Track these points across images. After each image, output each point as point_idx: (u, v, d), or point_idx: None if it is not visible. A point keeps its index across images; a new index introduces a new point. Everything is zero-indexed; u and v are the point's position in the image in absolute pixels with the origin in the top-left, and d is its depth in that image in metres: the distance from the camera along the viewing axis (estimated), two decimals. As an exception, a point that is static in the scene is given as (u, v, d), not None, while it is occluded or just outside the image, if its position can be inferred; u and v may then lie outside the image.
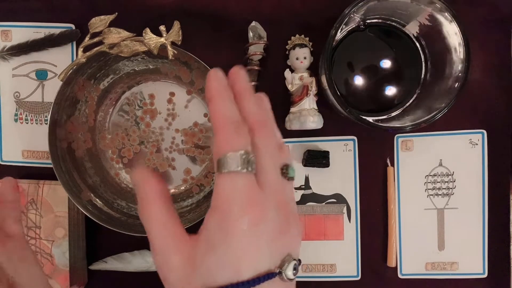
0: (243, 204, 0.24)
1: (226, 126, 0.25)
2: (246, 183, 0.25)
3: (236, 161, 0.24)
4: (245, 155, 0.24)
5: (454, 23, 0.39)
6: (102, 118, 0.50)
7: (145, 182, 0.28)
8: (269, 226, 0.25)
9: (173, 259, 0.26)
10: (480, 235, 0.49)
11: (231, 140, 0.25)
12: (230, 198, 0.24)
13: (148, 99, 0.50)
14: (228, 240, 0.24)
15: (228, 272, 0.24)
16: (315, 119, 0.46)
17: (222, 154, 0.25)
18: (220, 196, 0.25)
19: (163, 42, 0.42)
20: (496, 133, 0.48)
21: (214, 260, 0.24)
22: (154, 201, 0.27)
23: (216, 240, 0.24)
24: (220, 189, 0.25)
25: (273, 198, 0.26)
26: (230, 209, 0.24)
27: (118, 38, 0.43)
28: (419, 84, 0.45)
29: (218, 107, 0.26)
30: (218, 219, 0.24)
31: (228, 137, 0.25)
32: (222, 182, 0.25)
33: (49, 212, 0.47)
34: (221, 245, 0.24)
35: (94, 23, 0.43)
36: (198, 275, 0.24)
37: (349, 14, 0.39)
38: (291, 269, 0.25)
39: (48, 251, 0.48)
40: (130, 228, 0.46)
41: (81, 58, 0.43)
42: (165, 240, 0.26)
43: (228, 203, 0.24)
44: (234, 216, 0.24)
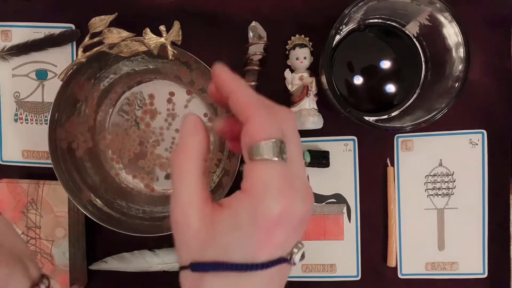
0: (276, 192, 0.24)
1: (258, 113, 0.25)
2: (280, 172, 0.25)
3: (270, 149, 0.24)
4: (279, 143, 0.25)
5: (454, 23, 0.39)
6: (102, 118, 0.50)
7: (195, 133, 0.27)
8: (295, 217, 0.25)
9: (194, 219, 0.25)
10: (480, 235, 0.49)
11: (265, 127, 0.25)
12: (265, 184, 0.24)
13: (148, 99, 0.50)
14: (256, 224, 0.24)
15: (245, 253, 0.24)
16: (315, 119, 0.46)
17: (256, 142, 0.25)
18: (255, 181, 0.24)
19: (163, 42, 0.43)
20: (496, 133, 0.48)
21: (236, 239, 0.24)
22: (197, 156, 0.26)
23: (243, 221, 0.24)
24: (256, 174, 0.25)
25: (301, 188, 0.26)
26: (265, 195, 0.24)
27: (118, 38, 0.43)
28: (419, 84, 0.45)
29: (245, 93, 0.26)
30: (249, 202, 0.24)
31: (262, 125, 0.25)
32: (257, 168, 0.25)
33: (49, 212, 0.47)
34: (247, 227, 0.24)
35: (94, 23, 0.43)
36: (215, 246, 0.25)
37: (349, 14, 0.39)
38: (299, 255, 0.26)
39: (48, 251, 0.48)
40: (130, 228, 0.46)
41: (81, 58, 0.43)
42: (192, 197, 0.26)
43: (263, 189, 0.24)
44: (267, 203, 0.24)
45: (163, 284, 0.51)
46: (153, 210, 0.50)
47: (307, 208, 0.26)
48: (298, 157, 0.27)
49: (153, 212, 0.49)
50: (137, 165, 0.50)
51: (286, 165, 0.25)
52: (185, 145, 0.27)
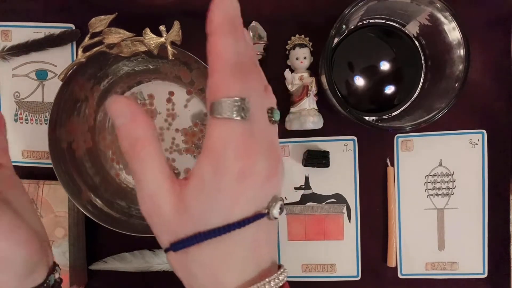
0: (238, 151, 0.24)
1: (224, 68, 0.24)
2: (241, 130, 0.24)
3: (231, 108, 0.24)
4: (241, 102, 0.24)
5: (454, 23, 0.39)
6: (102, 118, 0.50)
7: (136, 118, 0.25)
8: (259, 173, 0.25)
9: (166, 202, 0.25)
10: (480, 235, 0.49)
11: (228, 85, 0.24)
12: (226, 144, 0.24)
13: (147, 99, 0.50)
14: (222, 185, 0.24)
15: (219, 215, 0.25)
16: (315, 119, 0.46)
17: (217, 99, 0.24)
18: (215, 141, 0.24)
19: (163, 42, 0.42)
20: (496, 133, 0.48)
21: (207, 204, 0.24)
22: (150, 139, 0.25)
23: (209, 184, 0.24)
24: (215, 134, 0.24)
25: (263, 144, 0.25)
26: (226, 155, 0.24)
27: (118, 38, 0.43)
28: (419, 84, 0.45)
29: (216, 44, 0.25)
30: (212, 164, 0.24)
31: (224, 81, 0.24)
32: (216, 126, 0.24)
33: (49, 212, 0.47)
34: (214, 189, 0.24)
35: (94, 23, 0.43)
36: (190, 218, 0.25)
37: (349, 14, 0.39)
38: (277, 209, 0.26)
39: (48, 251, 0.48)
40: (130, 228, 0.46)
41: (81, 58, 0.43)
42: (160, 184, 0.25)
43: (224, 149, 0.24)
44: (229, 162, 0.24)
45: (163, 284, 0.51)
46: (153, 210, 0.50)
47: (270, 165, 0.26)
48: (260, 112, 0.26)
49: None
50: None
51: (247, 124, 0.24)
52: (137, 135, 0.25)
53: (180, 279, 0.27)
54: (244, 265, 0.26)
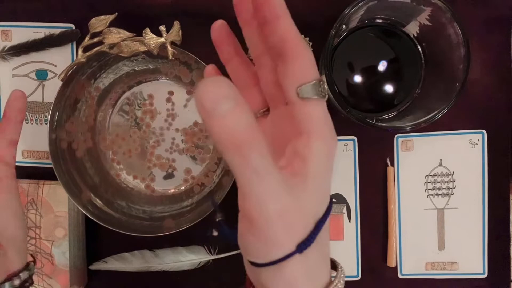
0: (333, 130, 0.25)
1: (308, 52, 0.24)
2: (326, 109, 0.25)
3: (319, 89, 0.24)
4: (321, 83, 0.24)
5: (454, 23, 0.39)
6: (102, 118, 0.50)
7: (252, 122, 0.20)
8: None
9: (289, 202, 0.22)
10: (480, 235, 0.49)
11: (315, 68, 0.25)
12: (329, 124, 0.24)
13: (147, 99, 0.50)
14: (331, 166, 0.24)
15: (327, 198, 0.24)
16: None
17: (307, 81, 0.24)
18: (319, 122, 0.24)
19: (163, 42, 0.43)
20: (496, 133, 0.48)
21: (324, 190, 0.24)
22: (260, 138, 0.20)
23: (326, 166, 0.24)
24: (317, 115, 0.24)
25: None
26: (332, 135, 0.24)
27: (118, 38, 0.43)
28: (419, 84, 0.45)
29: (294, 26, 0.24)
30: (324, 146, 0.24)
31: (312, 65, 0.24)
32: (314, 108, 0.24)
33: (49, 212, 0.48)
34: (329, 170, 0.24)
35: (94, 23, 0.43)
36: (310, 210, 0.23)
37: (349, 14, 0.39)
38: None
39: (48, 251, 0.48)
40: (130, 228, 0.46)
41: (81, 58, 0.43)
42: (280, 184, 0.22)
43: (329, 128, 0.24)
44: (334, 142, 0.24)
45: (163, 284, 0.51)
46: (153, 210, 0.50)
47: None
48: None
49: (153, 212, 0.49)
50: (138, 165, 0.50)
51: None
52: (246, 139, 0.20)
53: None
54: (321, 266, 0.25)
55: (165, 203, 0.50)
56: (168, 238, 0.45)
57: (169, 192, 0.51)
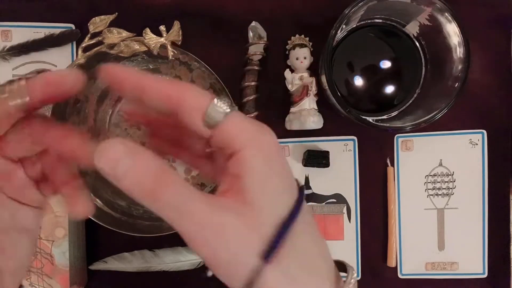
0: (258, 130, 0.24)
1: (189, 85, 0.24)
2: (243, 115, 0.24)
3: (222, 106, 0.23)
4: (220, 99, 0.23)
5: (454, 23, 0.39)
6: (102, 118, 0.50)
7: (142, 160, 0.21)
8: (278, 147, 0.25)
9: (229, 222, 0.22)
10: (480, 235, 0.49)
11: (201, 94, 0.23)
12: (250, 130, 0.23)
13: (148, 99, 0.50)
14: (275, 165, 0.24)
15: (287, 195, 0.24)
16: (315, 119, 0.46)
17: (208, 105, 0.23)
18: (243, 134, 0.23)
19: (163, 42, 0.43)
20: (496, 133, 0.48)
21: (274, 194, 0.23)
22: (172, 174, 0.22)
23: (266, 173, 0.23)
24: (236, 130, 0.23)
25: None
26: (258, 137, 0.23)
27: (118, 38, 0.43)
28: (419, 84, 0.45)
29: (161, 79, 0.24)
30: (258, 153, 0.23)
31: (197, 94, 0.23)
32: (231, 125, 0.23)
33: (49, 212, 0.47)
34: (272, 173, 0.23)
35: (94, 23, 0.43)
36: (264, 217, 0.23)
37: (349, 14, 0.39)
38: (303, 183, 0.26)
39: (48, 251, 0.48)
40: (130, 228, 0.46)
41: (81, 58, 0.43)
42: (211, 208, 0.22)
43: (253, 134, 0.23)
44: (265, 141, 0.24)
45: (163, 284, 0.51)
46: (153, 210, 0.50)
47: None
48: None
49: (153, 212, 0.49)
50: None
51: None
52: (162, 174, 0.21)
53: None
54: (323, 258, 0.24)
55: (165, 203, 0.50)
56: (168, 238, 0.45)
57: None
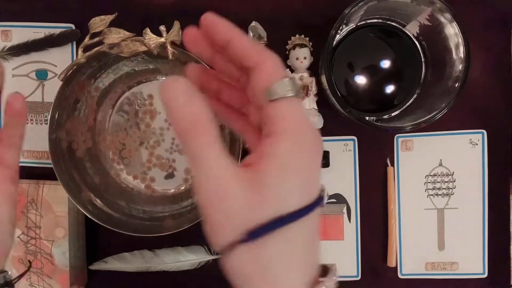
0: (309, 126, 0.24)
1: (270, 55, 0.25)
2: (301, 107, 0.24)
3: (289, 86, 0.24)
4: (293, 81, 0.24)
5: (454, 23, 0.39)
6: (102, 118, 0.50)
7: (196, 96, 0.23)
8: (320, 146, 0.25)
9: (236, 186, 0.22)
10: (480, 235, 0.49)
11: (280, 68, 0.25)
12: (300, 121, 0.24)
13: (147, 100, 0.50)
14: (309, 161, 0.23)
15: (302, 195, 0.23)
16: (315, 119, 0.46)
17: (274, 82, 0.24)
18: (287, 120, 0.23)
19: (163, 42, 0.43)
20: (496, 133, 0.48)
21: (290, 185, 0.23)
22: (213, 123, 0.23)
23: (294, 163, 0.23)
24: (285, 114, 0.23)
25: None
26: (306, 131, 0.24)
27: (118, 38, 0.43)
28: (419, 84, 0.45)
29: (248, 39, 0.26)
30: (292, 143, 0.23)
31: (276, 65, 0.25)
32: (283, 107, 0.24)
33: (49, 212, 0.47)
34: (300, 167, 0.23)
35: (94, 23, 0.43)
36: (270, 200, 0.23)
37: (349, 14, 0.39)
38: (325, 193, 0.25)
39: (48, 251, 0.48)
40: (130, 228, 0.46)
41: (81, 58, 0.43)
42: (227, 166, 0.23)
43: (301, 125, 0.24)
44: (309, 138, 0.24)
45: (163, 284, 0.51)
46: (153, 210, 0.50)
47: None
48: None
49: (153, 212, 0.49)
50: (138, 166, 0.50)
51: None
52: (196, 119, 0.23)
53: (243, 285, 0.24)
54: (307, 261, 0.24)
55: (165, 203, 0.50)
56: (168, 238, 0.45)
57: (169, 192, 0.51)
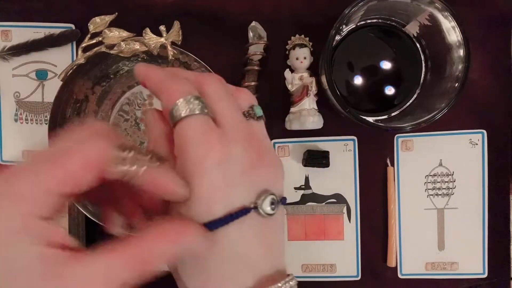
0: (202, 143, 0.23)
1: (165, 82, 0.25)
2: (201, 123, 0.24)
3: (186, 105, 0.24)
4: (193, 98, 0.24)
5: (454, 23, 0.39)
6: (102, 118, 0.50)
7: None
8: (235, 162, 0.24)
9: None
10: (480, 235, 0.49)
11: (175, 90, 0.24)
12: (189, 140, 0.23)
13: (147, 100, 0.50)
14: (196, 180, 0.23)
15: (201, 212, 0.23)
16: (315, 119, 0.46)
17: (171, 104, 0.24)
18: (179, 143, 0.24)
19: (163, 42, 0.43)
20: (496, 133, 0.48)
21: (186, 204, 0.24)
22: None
23: (190, 180, 0.23)
24: (178, 137, 0.24)
25: (236, 135, 0.25)
26: (191, 150, 0.23)
27: (118, 38, 0.43)
28: (419, 84, 0.45)
29: (156, 71, 0.26)
30: (181, 165, 0.24)
31: (171, 89, 0.24)
32: (178, 130, 0.24)
33: (49, 212, 0.47)
34: (193, 184, 0.23)
35: (94, 23, 0.43)
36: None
37: (349, 14, 0.39)
38: (268, 203, 0.24)
39: (48, 251, 0.48)
40: (130, 228, 0.46)
41: (81, 58, 0.43)
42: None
43: (188, 145, 0.23)
44: (195, 156, 0.23)
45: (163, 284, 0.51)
46: (153, 210, 0.50)
47: (250, 154, 0.25)
48: (226, 108, 0.25)
49: (153, 212, 0.49)
50: (137, 165, 0.50)
51: (209, 118, 0.24)
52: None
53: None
54: (233, 271, 0.24)
55: (165, 203, 0.50)
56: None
57: (169, 192, 0.51)
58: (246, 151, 0.24)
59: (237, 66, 0.48)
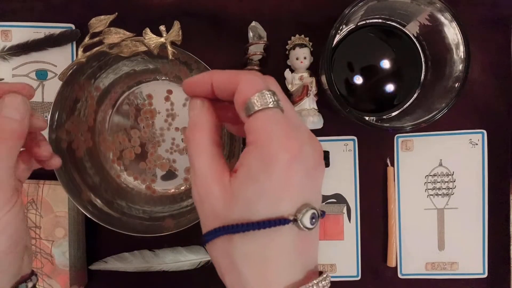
0: (281, 136, 0.25)
1: (244, 74, 0.27)
2: (280, 117, 0.25)
3: (265, 98, 0.25)
4: (271, 93, 0.25)
5: (454, 23, 0.39)
6: (102, 118, 0.50)
7: (202, 110, 0.28)
8: (307, 158, 0.25)
9: (216, 188, 0.26)
10: (480, 235, 0.49)
11: (254, 83, 0.26)
12: (269, 131, 0.25)
13: (147, 100, 0.50)
14: (270, 170, 0.24)
15: (268, 203, 0.24)
16: (315, 119, 0.46)
17: (248, 98, 0.25)
18: (257, 132, 0.25)
19: (163, 42, 0.42)
20: (496, 133, 0.49)
21: (254, 191, 0.24)
22: (209, 129, 0.28)
23: (256, 171, 0.24)
24: (256, 126, 0.25)
25: (304, 132, 0.26)
26: (270, 141, 0.24)
27: (118, 38, 0.43)
28: (419, 84, 0.46)
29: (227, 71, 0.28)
30: (258, 152, 0.25)
31: (250, 82, 0.26)
32: (255, 120, 0.25)
33: (49, 212, 0.47)
34: (261, 175, 0.24)
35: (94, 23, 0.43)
36: (236, 206, 0.25)
37: (349, 14, 0.39)
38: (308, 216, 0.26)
39: (48, 251, 0.48)
40: (130, 228, 0.46)
41: (81, 58, 0.43)
42: (210, 168, 0.26)
43: (267, 136, 0.25)
44: (274, 148, 0.24)
45: (163, 284, 0.51)
46: (153, 210, 0.50)
47: (315, 152, 0.26)
48: (292, 109, 0.28)
49: (153, 212, 0.49)
50: (138, 166, 0.50)
51: (283, 113, 0.26)
52: (196, 121, 0.28)
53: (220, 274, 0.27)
54: (292, 265, 0.26)
55: (165, 203, 0.50)
56: (168, 238, 0.45)
57: (169, 192, 0.51)
58: (312, 148, 0.26)
59: (237, 66, 0.49)
